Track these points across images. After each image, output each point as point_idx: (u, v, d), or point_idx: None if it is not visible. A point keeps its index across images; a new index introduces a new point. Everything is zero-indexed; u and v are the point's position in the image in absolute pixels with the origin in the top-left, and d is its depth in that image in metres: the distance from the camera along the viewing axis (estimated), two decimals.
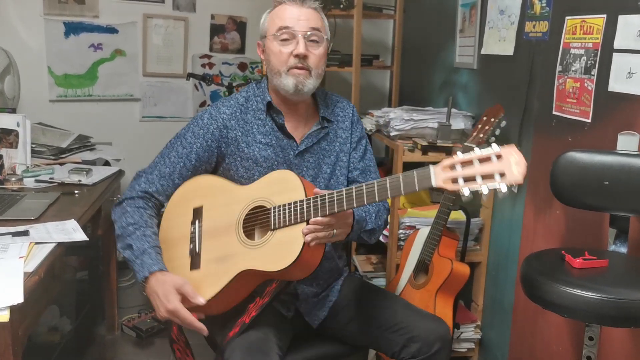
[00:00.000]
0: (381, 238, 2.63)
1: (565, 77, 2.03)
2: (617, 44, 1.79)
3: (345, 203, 1.33)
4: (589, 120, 1.91)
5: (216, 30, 3.68)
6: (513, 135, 2.36)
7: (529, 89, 2.26)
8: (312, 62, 1.57)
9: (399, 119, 2.61)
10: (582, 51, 1.95)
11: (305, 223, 1.37)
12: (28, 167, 2.44)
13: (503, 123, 2.28)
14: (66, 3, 3.32)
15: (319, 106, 1.69)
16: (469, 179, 1.14)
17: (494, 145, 1.15)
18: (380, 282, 2.67)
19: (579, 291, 1.36)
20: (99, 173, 2.51)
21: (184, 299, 1.41)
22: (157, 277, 1.45)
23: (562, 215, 2.08)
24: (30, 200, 2.09)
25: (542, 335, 2.21)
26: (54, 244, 1.68)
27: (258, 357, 1.44)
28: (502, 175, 1.11)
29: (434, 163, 1.22)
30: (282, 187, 1.46)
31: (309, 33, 1.56)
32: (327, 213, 1.35)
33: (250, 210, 1.49)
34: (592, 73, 1.89)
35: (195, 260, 1.50)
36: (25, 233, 1.72)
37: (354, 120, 1.76)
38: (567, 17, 2.03)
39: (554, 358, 2.13)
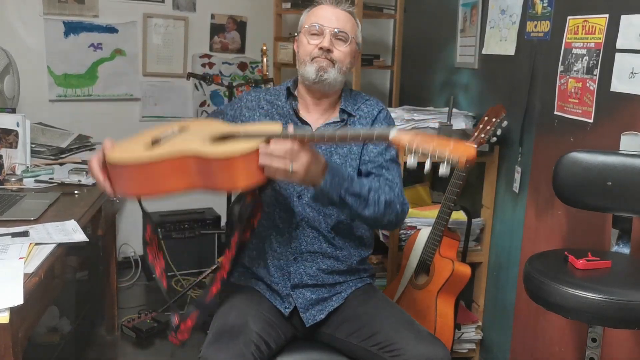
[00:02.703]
0: (382, 238, 2.63)
1: (567, 77, 2.03)
2: (619, 44, 1.79)
3: (306, 136, 1.35)
4: (591, 121, 1.91)
5: (216, 29, 3.67)
6: (514, 135, 2.36)
7: (531, 89, 2.26)
8: (336, 56, 1.65)
9: (400, 119, 2.60)
10: (584, 51, 1.94)
11: (264, 139, 1.34)
12: (28, 167, 2.43)
13: (504, 123, 2.28)
14: (66, 3, 3.31)
15: (343, 99, 1.74)
16: (422, 142, 1.21)
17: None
18: (381, 282, 2.66)
19: (583, 292, 1.35)
20: None
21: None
22: None
23: (564, 216, 2.08)
24: (30, 201, 2.08)
25: (544, 336, 2.20)
26: (54, 245, 1.67)
27: (224, 340, 1.48)
28: (451, 150, 1.19)
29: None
30: (267, 125, 1.56)
31: (336, 30, 1.65)
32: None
33: (227, 133, 1.44)
34: (594, 73, 1.89)
35: (153, 144, 1.44)
36: (25, 234, 1.71)
37: (379, 118, 1.76)
38: (569, 17, 2.02)
39: (556, 359, 2.13)
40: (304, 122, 1.71)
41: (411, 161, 1.21)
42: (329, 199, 1.46)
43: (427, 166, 1.20)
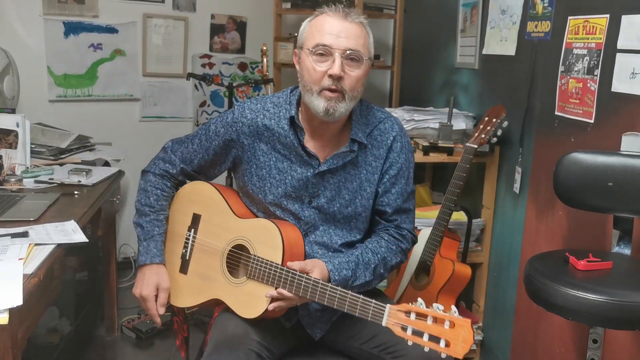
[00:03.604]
0: None
1: (568, 77, 2.02)
2: (620, 44, 1.78)
3: (308, 293, 1.43)
4: (592, 121, 1.90)
5: (216, 30, 3.67)
6: (515, 136, 2.36)
7: (531, 89, 2.25)
8: (347, 84, 1.45)
9: (400, 119, 2.59)
10: (584, 51, 1.94)
11: (273, 287, 1.48)
12: (27, 167, 2.43)
13: (505, 123, 2.28)
14: (66, 3, 3.31)
15: (353, 125, 1.56)
16: (417, 333, 1.25)
17: (454, 308, 1.24)
18: (382, 283, 2.65)
19: (584, 293, 1.35)
20: (99, 174, 2.50)
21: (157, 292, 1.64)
22: (153, 267, 1.64)
23: (564, 216, 2.07)
24: (30, 201, 2.08)
25: (545, 336, 2.20)
26: (54, 246, 1.67)
27: (223, 351, 1.46)
28: (447, 344, 1.20)
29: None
30: (265, 238, 1.53)
31: (347, 52, 1.43)
32: (292, 292, 1.44)
33: (234, 245, 1.59)
34: (595, 73, 1.88)
35: (184, 265, 1.68)
36: (24, 234, 1.71)
37: (395, 148, 1.59)
38: (569, 17, 2.02)
39: None
40: (311, 155, 1.54)
41: (410, 344, 1.28)
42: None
43: (425, 350, 1.25)
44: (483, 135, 2.27)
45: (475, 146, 2.25)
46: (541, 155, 2.20)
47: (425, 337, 1.23)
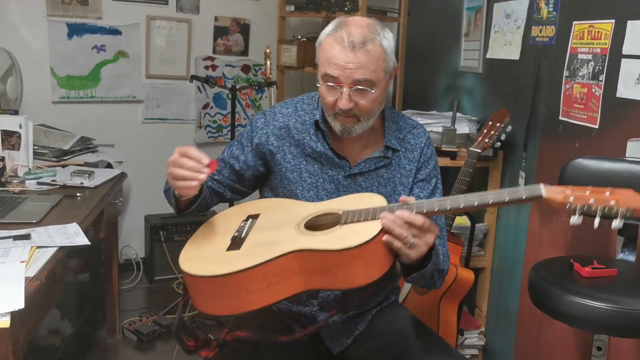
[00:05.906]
0: None
1: (573, 82, 2.02)
2: (625, 50, 1.78)
3: (436, 208, 1.24)
4: (597, 126, 1.90)
5: (219, 32, 3.67)
6: (519, 140, 2.35)
7: (535, 93, 2.25)
8: (360, 110, 1.41)
9: None
10: (589, 56, 1.93)
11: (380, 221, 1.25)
12: (30, 169, 2.43)
13: (509, 128, 2.27)
14: (69, 4, 3.31)
15: (386, 132, 1.53)
16: (580, 198, 1.14)
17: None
18: None
19: (589, 301, 1.34)
20: (101, 175, 2.49)
21: None
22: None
23: (568, 222, 2.06)
24: (32, 203, 2.07)
25: (548, 342, 2.19)
26: (56, 248, 1.66)
27: None
28: (616, 202, 1.11)
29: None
30: (362, 200, 1.35)
31: (358, 86, 1.37)
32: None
33: (316, 216, 1.38)
34: (600, 79, 1.88)
35: (235, 243, 1.33)
36: (26, 237, 1.70)
37: (426, 154, 1.56)
38: (574, 22, 2.01)
39: None
40: (341, 157, 1.51)
41: (575, 219, 1.15)
42: (423, 280, 1.38)
43: (596, 223, 1.13)
44: (487, 140, 2.26)
45: (479, 150, 2.24)
46: (545, 160, 2.20)
47: (591, 200, 1.13)
